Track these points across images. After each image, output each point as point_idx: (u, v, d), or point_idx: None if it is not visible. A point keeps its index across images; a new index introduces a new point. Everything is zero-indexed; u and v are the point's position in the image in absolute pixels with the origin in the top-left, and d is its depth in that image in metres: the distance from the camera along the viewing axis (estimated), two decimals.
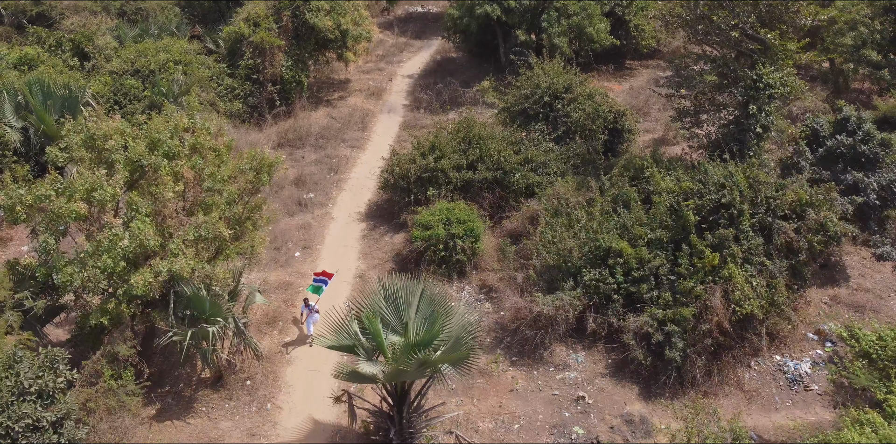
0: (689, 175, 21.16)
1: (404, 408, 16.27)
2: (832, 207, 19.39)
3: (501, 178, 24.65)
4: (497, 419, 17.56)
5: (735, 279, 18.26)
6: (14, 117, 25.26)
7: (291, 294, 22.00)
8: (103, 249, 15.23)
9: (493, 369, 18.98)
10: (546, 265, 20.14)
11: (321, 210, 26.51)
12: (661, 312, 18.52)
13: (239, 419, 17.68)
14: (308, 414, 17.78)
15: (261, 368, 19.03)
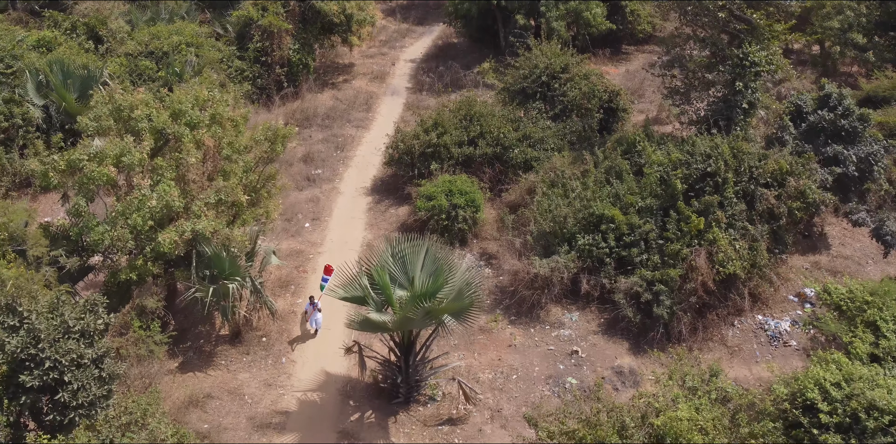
0: (679, 148, 22.38)
1: (410, 358, 17.62)
2: (811, 176, 20.64)
3: (501, 153, 25.87)
4: (496, 371, 18.89)
5: (719, 242, 19.55)
6: (36, 95, 26.47)
7: (302, 261, 23.29)
8: (133, 208, 16.48)
9: (493, 326, 20.31)
10: (542, 231, 21.40)
11: (329, 185, 27.75)
12: (650, 273, 19.81)
13: (256, 371, 19.01)
14: (320, 367, 19.10)
15: (275, 326, 20.36)
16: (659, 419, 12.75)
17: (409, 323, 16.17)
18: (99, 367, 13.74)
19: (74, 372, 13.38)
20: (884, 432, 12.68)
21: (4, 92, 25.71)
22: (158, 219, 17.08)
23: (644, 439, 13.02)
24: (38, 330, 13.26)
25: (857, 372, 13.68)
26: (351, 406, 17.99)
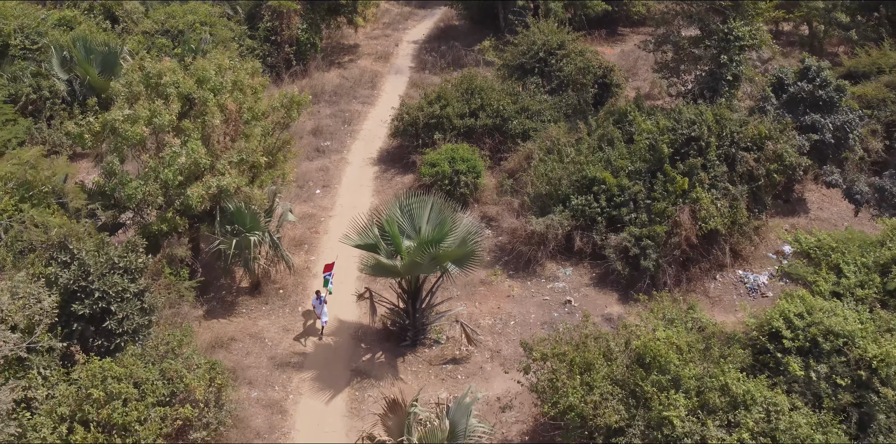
0: (666, 117, 23.92)
1: (417, 304, 19.27)
2: (788, 141, 22.20)
3: (500, 124, 27.42)
4: (496, 317, 20.55)
5: (702, 201, 21.14)
6: (60, 70, 27.98)
7: (314, 223, 24.90)
8: (164, 164, 18.07)
9: (493, 279, 21.95)
10: (539, 193, 23.00)
11: (337, 156, 29.32)
12: (638, 230, 21.41)
13: (275, 318, 20.68)
14: (334, 315, 20.73)
15: (291, 279, 22.00)
16: (638, 340, 14.40)
17: (417, 268, 17.80)
18: (140, 300, 15.40)
19: (119, 303, 15.04)
20: (838, 352, 14.34)
21: (32, 67, 27.21)
22: (187, 175, 18.67)
23: (626, 360, 14.68)
24: (87, 265, 14.90)
25: (817, 305, 15.33)
26: (363, 348, 19.66)
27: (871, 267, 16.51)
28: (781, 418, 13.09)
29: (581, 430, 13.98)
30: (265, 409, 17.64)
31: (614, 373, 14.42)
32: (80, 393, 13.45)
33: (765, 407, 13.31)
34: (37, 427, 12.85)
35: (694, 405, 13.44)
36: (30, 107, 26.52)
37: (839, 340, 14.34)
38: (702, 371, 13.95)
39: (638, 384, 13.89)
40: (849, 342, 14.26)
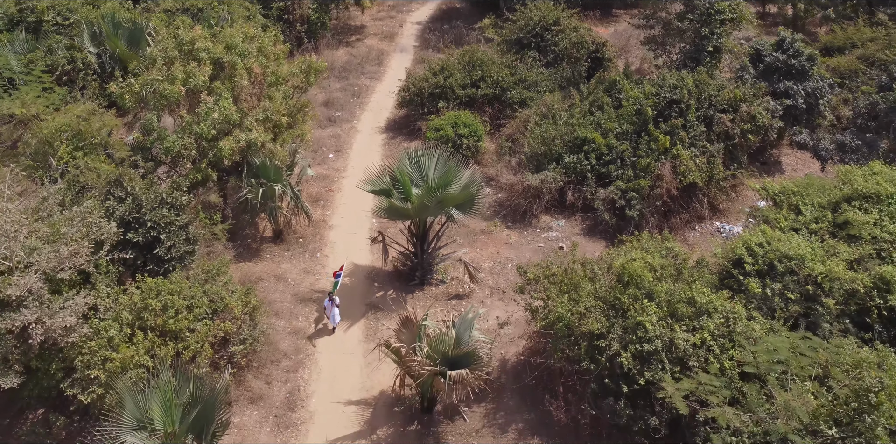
0: (651, 83, 26.09)
1: (425, 247, 21.52)
2: (762, 103, 24.38)
3: (500, 94, 29.60)
4: (495, 261, 22.81)
5: (682, 157, 23.36)
6: (91, 44, 30.10)
7: (329, 183, 27.13)
8: (200, 119, 20.26)
9: (492, 229, 24.21)
10: (534, 152, 25.21)
11: (348, 125, 31.51)
12: (624, 184, 23.64)
13: (296, 262, 22.94)
14: (349, 259, 23.00)
15: (310, 229, 24.25)
16: (617, 262, 16.66)
17: (425, 211, 20.03)
18: (185, 231, 17.65)
19: (167, 233, 17.30)
20: (791, 273, 16.59)
21: (65, 40, 29.34)
22: (219, 130, 20.86)
23: (608, 281, 16.94)
24: (140, 200, 17.14)
25: (776, 236, 17.58)
26: (375, 287, 21.92)
27: (825, 206, 18.73)
28: (738, 323, 15.35)
29: (568, 338, 16.25)
30: (291, 335, 19.93)
31: (597, 291, 16.68)
32: (140, 304, 15.71)
33: (724, 315, 15.56)
34: (106, 329, 15.11)
35: (664, 313, 15.70)
36: (64, 77, 28.63)
37: (791, 262, 16.59)
38: (672, 287, 16.21)
39: (617, 297, 16.14)
40: (799, 264, 16.51)
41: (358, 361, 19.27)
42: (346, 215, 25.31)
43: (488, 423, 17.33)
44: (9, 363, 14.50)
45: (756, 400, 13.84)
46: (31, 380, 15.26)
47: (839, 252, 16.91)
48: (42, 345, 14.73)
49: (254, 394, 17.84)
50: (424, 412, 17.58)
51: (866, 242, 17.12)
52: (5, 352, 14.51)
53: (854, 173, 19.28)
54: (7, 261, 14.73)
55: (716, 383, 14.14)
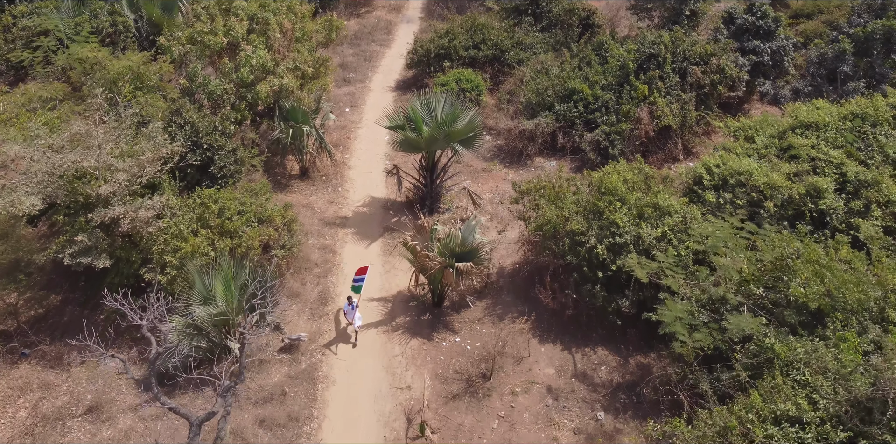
0: (633, 42, 29.33)
1: (433, 178, 24.85)
2: (729, 57, 27.63)
3: (499, 55, 32.81)
4: (494, 193, 26.16)
5: (658, 103, 26.64)
6: (129, 10, 33.27)
7: (346, 132, 30.41)
8: (240, 65, 23.55)
9: (492, 168, 27.55)
10: (529, 102, 28.49)
11: (361, 85, 34.76)
12: (608, 128, 26.94)
13: (321, 194, 26.29)
14: (367, 193, 26.35)
15: (332, 168, 27.59)
16: (596, 176, 20.02)
17: (434, 143, 23.34)
18: (234, 154, 21.00)
19: (220, 155, 20.62)
20: (740, 185, 19.94)
21: (107, 6, 32.53)
22: (256, 75, 24.15)
23: (587, 193, 20.29)
24: (197, 126, 20.46)
25: (730, 158, 20.93)
26: (390, 214, 25.26)
27: (774, 135, 22.05)
28: (693, 221, 18.73)
29: (554, 237, 19.63)
30: (320, 250, 23.33)
31: (579, 201, 20.05)
32: (201, 207, 19.08)
33: (682, 215, 18.94)
34: (176, 224, 18.49)
35: (633, 215, 19.06)
36: (108, 39, 31.85)
37: (741, 176, 19.96)
38: (641, 196, 19.57)
39: (595, 203, 19.50)
40: (747, 177, 19.87)
41: (378, 269, 22.65)
42: (363, 158, 28.64)
43: (488, 314, 20.74)
44: (98, 251, 17.87)
45: (704, 277, 17.27)
46: (114, 268, 18.64)
47: (780, 168, 20.26)
48: (125, 237, 18.10)
49: (292, 292, 21.25)
50: (435, 306, 20.99)
51: (804, 160, 20.45)
52: (96, 241, 17.89)
53: (800, 109, 22.59)
54: (96, 170, 18.08)
55: (671, 261, 17.54)
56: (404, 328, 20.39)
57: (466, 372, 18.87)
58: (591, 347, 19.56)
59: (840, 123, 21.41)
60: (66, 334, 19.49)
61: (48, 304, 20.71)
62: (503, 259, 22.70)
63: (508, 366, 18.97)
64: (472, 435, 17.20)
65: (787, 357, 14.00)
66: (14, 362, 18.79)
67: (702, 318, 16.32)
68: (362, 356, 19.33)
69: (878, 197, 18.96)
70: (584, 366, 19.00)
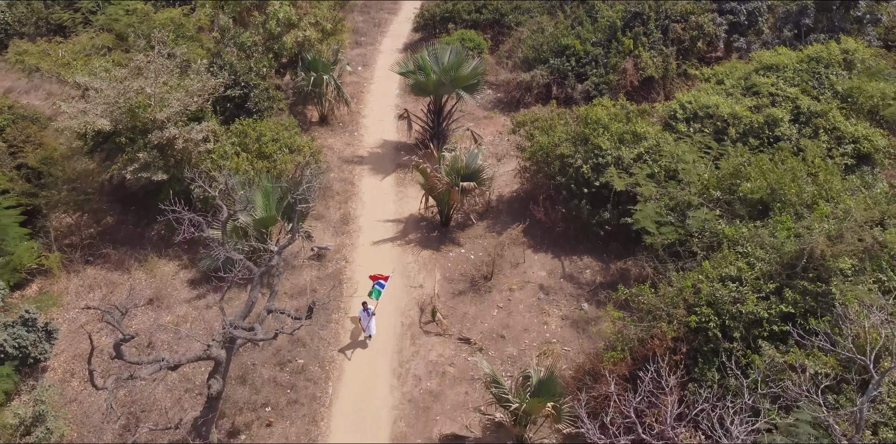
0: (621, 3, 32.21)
1: (440, 120, 27.84)
2: (707, 15, 30.53)
3: (499, 18, 35.71)
4: (494, 135, 29.17)
5: (642, 56, 29.58)
6: None
7: (359, 87, 33.39)
8: (269, 18, 26.50)
9: (492, 116, 30.55)
10: (526, 56, 31.44)
11: (371, 47, 37.70)
12: (597, 79, 29.90)
13: (339, 138, 29.31)
14: (380, 137, 29.38)
15: (348, 117, 30.59)
16: (582, 110, 23.02)
17: (441, 87, 26.31)
18: (267, 92, 24.02)
19: (255, 92, 23.63)
20: (708, 116, 22.95)
21: None
22: (282, 27, 27.10)
23: (575, 125, 23.29)
24: (235, 67, 23.45)
25: (700, 95, 23.92)
26: (401, 154, 28.27)
27: (741, 77, 25.01)
28: (666, 144, 21.74)
29: (546, 161, 22.65)
30: (340, 182, 26.37)
31: (568, 131, 23.06)
32: (240, 133, 22.11)
33: (656, 140, 21.95)
34: (222, 146, 21.52)
35: (614, 140, 22.07)
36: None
37: (709, 109, 22.96)
38: (621, 125, 22.57)
39: (582, 131, 22.52)
40: (714, 110, 22.88)
41: (392, 197, 25.73)
42: (376, 109, 31.63)
43: (488, 231, 23.81)
44: (155, 167, 20.90)
45: (674, 189, 20.31)
46: (166, 185, 21.66)
47: (743, 102, 23.26)
48: (177, 157, 21.12)
49: (318, 214, 24.31)
50: (443, 225, 24.06)
51: (764, 96, 23.43)
52: (153, 160, 20.92)
53: (764, 55, 25.56)
54: (151, 99, 21.09)
55: (645, 174, 20.58)
56: (416, 242, 23.47)
57: (470, 275, 21.98)
58: (578, 255, 22.65)
59: (798, 65, 24.37)
60: (124, 245, 22.61)
61: (104, 223, 23.75)
62: (502, 189, 25.74)
63: (506, 270, 22.07)
64: (475, 321, 20.31)
65: (734, 237, 17.07)
66: (82, 267, 21.86)
67: (669, 218, 19.39)
68: (380, 263, 22.40)
69: (825, 124, 21.97)
70: (571, 270, 22.09)
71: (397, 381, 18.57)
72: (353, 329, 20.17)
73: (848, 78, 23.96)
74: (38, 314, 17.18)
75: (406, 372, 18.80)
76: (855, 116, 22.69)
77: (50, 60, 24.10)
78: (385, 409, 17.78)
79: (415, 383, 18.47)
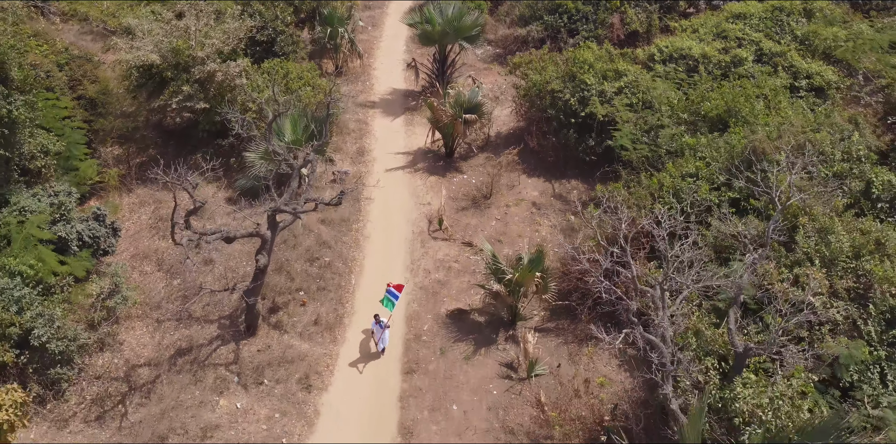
0: None
1: (444, 68, 30.89)
2: None
3: None
4: (493, 84, 32.15)
5: (628, 12, 32.56)
6: None
7: (370, 44, 36.35)
8: None
9: (490, 68, 33.59)
10: (523, 15, 34.42)
11: (380, 10, 40.57)
12: (587, 34, 32.87)
13: (352, 86, 32.32)
14: (390, 85, 32.42)
15: (360, 69, 33.63)
16: (570, 52, 26.06)
17: (445, 37, 29.33)
18: (291, 36, 27.05)
19: (281, 37, 26.66)
20: (682, 57, 26.00)
21: None
22: None
23: (564, 65, 26.34)
24: (264, 14, 26.43)
25: (676, 40, 26.96)
26: (409, 100, 31.34)
27: (714, 25, 28.02)
28: (643, 79, 24.80)
29: (539, 96, 25.73)
30: (355, 122, 29.43)
31: (558, 70, 26.11)
32: (271, 71, 25.14)
33: (635, 76, 25.00)
34: (255, 80, 24.56)
35: (598, 77, 25.12)
36: None
37: (682, 51, 26.01)
38: (605, 65, 25.61)
39: (570, 70, 25.57)
40: (686, 51, 25.92)
41: (402, 135, 28.83)
42: (385, 62, 34.64)
43: (487, 161, 26.91)
44: (197, 98, 23.96)
45: (648, 114, 23.41)
46: (205, 116, 24.70)
47: (713, 44, 26.31)
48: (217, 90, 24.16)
49: (336, 147, 27.41)
50: (447, 156, 27.16)
51: (732, 40, 26.45)
52: (193, 92, 23.98)
53: (734, 5, 28.56)
54: (192, 39, 24.13)
55: (624, 103, 23.67)
56: (423, 170, 26.60)
57: (472, 195, 25.14)
58: (567, 179, 25.77)
59: (763, 13, 27.39)
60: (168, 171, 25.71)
61: (148, 154, 26.82)
62: (500, 127, 28.84)
63: (503, 190, 25.21)
64: (476, 229, 23.48)
65: (695, 145, 20.20)
66: (134, 185, 24.97)
67: (643, 139, 22.50)
68: (392, 187, 25.50)
69: (784, 63, 25.03)
70: (560, 190, 25.23)
71: (410, 274, 21.78)
72: (362, 340, 19.58)
73: (806, 25, 26.98)
74: (106, 212, 20.31)
75: (417, 267, 22.00)
76: (811, 57, 25.73)
77: (97, 10, 27.09)
78: (401, 295, 20.96)
79: (425, 275, 21.69)
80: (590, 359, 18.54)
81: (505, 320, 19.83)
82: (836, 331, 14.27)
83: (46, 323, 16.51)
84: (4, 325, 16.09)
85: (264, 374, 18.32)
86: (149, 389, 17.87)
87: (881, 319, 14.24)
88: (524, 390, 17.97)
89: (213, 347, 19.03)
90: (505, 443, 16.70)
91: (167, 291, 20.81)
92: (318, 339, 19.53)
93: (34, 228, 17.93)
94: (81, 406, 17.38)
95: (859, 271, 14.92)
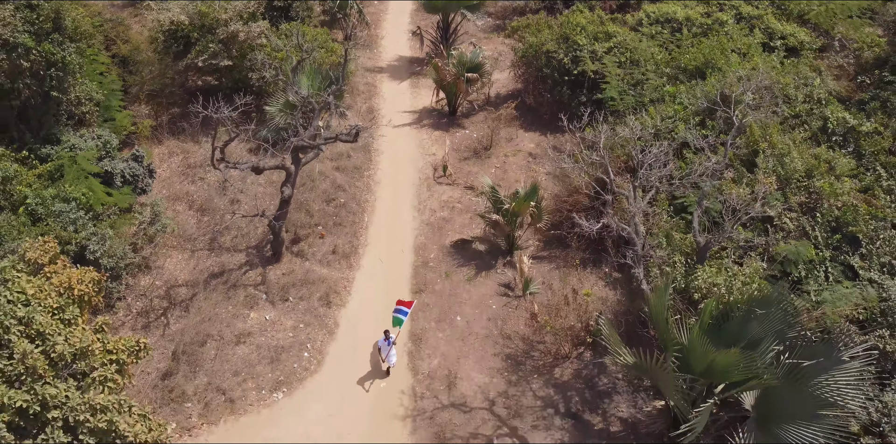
0: None
1: (447, 35, 33.05)
2: None
3: None
4: (493, 51, 34.31)
5: None
6: None
7: (377, 17, 38.52)
8: None
9: (491, 37, 35.76)
10: None
11: None
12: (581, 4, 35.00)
13: (361, 53, 34.42)
14: (396, 53, 34.58)
15: (368, 39, 35.78)
16: (564, 16, 28.22)
17: (448, 5, 31.47)
18: (305, 3, 29.17)
19: (296, 3, 28.83)
20: (667, 21, 28.15)
21: None
22: None
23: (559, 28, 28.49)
24: None
25: (663, 6, 29.11)
26: (414, 65, 33.52)
27: None
28: (631, 40, 26.96)
29: (535, 56, 27.90)
30: (364, 84, 31.64)
31: (553, 32, 28.27)
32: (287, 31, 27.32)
33: (623, 37, 27.16)
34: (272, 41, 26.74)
35: (590, 38, 27.28)
36: None
37: (668, 15, 28.15)
38: (596, 28, 27.77)
39: (564, 32, 27.72)
40: (672, 15, 28.08)
41: (408, 96, 31.04)
42: (391, 33, 36.84)
43: (488, 117, 29.12)
44: (221, 56, 26.14)
45: (636, 72, 25.60)
46: (228, 75, 26.88)
47: (695, 8, 28.46)
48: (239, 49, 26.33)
49: (347, 105, 29.61)
50: (451, 114, 29.37)
51: (714, 4, 28.60)
52: (219, 51, 26.15)
53: None
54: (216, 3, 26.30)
55: (613, 61, 25.87)
56: (428, 126, 28.83)
57: (473, 147, 27.37)
58: (561, 134, 27.92)
59: None
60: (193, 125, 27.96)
61: (172, 113, 29.03)
62: (499, 89, 31.04)
63: (502, 143, 27.44)
64: (477, 176, 25.70)
65: (674, 92, 22.41)
66: (164, 137, 27.17)
67: (630, 92, 24.69)
68: (399, 138, 27.73)
69: (760, 24, 27.19)
70: (555, 143, 27.43)
71: (417, 213, 24.04)
72: (370, 353, 19.05)
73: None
74: (144, 154, 22.53)
75: (424, 207, 24.26)
76: (786, 19, 27.89)
77: None
78: (409, 230, 23.26)
79: (430, 213, 23.95)
80: (578, 280, 20.80)
81: (503, 249, 22.09)
82: (789, 237, 16.50)
83: (99, 241, 18.75)
84: (63, 242, 18.33)
85: (289, 292, 20.60)
86: (187, 304, 20.16)
87: (827, 226, 16.46)
88: (520, 305, 20.26)
89: (242, 271, 21.31)
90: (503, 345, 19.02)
91: (199, 226, 23.07)
92: (336, 265, 21.81)
93: (85, 161, 20.16)
94: (129, 317, 19.69)
95: (811, 189, 17.15)
